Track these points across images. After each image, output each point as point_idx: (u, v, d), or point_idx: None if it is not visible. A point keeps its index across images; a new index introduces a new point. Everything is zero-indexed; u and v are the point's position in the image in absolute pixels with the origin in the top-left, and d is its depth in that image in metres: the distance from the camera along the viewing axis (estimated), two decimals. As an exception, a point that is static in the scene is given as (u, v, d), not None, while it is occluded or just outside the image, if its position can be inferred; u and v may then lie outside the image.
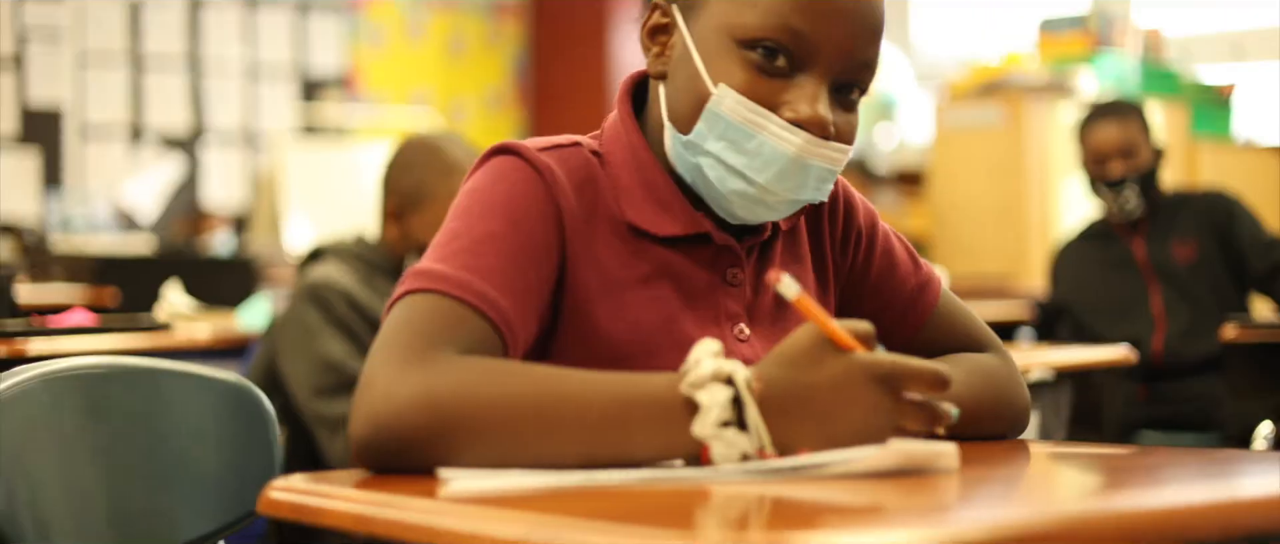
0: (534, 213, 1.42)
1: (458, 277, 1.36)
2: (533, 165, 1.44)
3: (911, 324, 1.66)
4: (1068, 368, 2.79)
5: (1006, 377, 1.65)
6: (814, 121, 1.42)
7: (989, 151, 6.65)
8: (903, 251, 1.69)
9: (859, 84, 1.47)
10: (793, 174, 1.43)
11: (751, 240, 1.55)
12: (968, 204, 6.75)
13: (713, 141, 1.44)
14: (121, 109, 8.44)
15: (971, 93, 6.81)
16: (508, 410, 1.26)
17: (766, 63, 1.43)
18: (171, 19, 8.60)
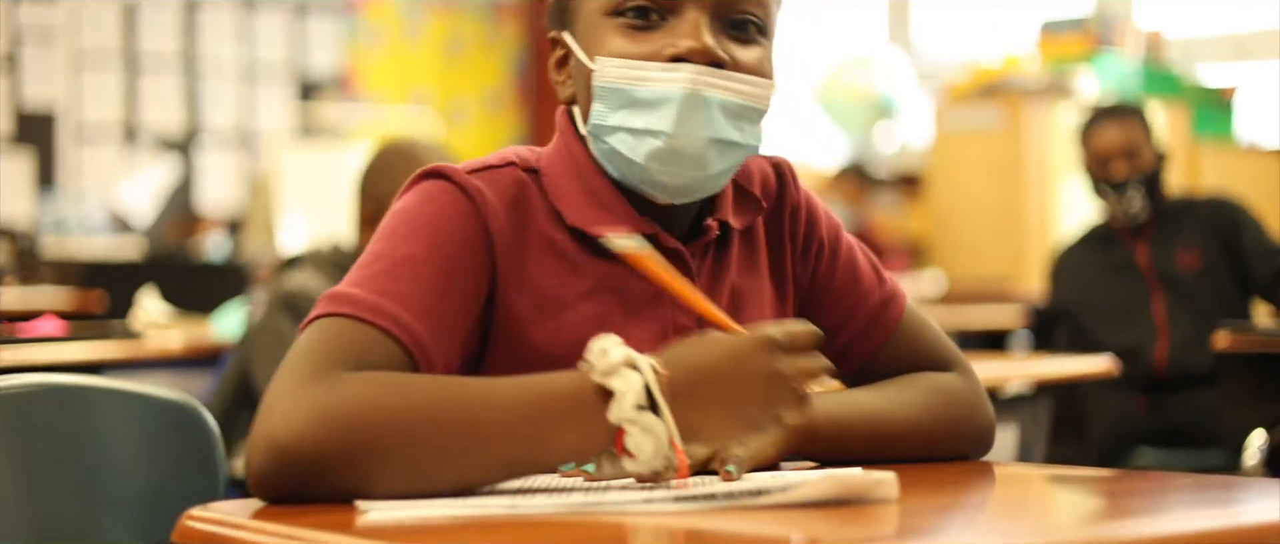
0: (458, 236, 1.39)
1: (370, 300, 1.33)
2: (462, 188, 1.41)
3: (874, 340, 1.61)
4: (1048, 380, 2.72)
5: (969, 396, 1.61)
6: (695, 51, 1.40)
7: (988, 154, 6.61)
8: (867, 265, 1.64)
9: (750, 16, 1.44)
10: (694, 111, 1.40)
11: (699, 242, 1.50)
12: (967, 207, 6.71)
13: (613, 115, 1.42)
14: (116, 110, 8.40)
15: (971, 95, 6.76)
16: (416, 423, 1.24)
17: (639, 21, 1.42)
18: (166, 20, 8.56)
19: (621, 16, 1.42)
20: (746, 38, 1.45)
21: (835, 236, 1.63)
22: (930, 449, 1.55)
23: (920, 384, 1.58)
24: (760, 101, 1.45)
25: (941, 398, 1.57)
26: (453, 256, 1.38)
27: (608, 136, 1.43)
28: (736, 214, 1.55)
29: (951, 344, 1.65)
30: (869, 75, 8.14)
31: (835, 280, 1.61)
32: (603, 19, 1.44)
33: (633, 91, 1.41)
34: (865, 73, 8.15)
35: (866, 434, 1.52)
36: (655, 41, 1.41)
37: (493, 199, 1.42)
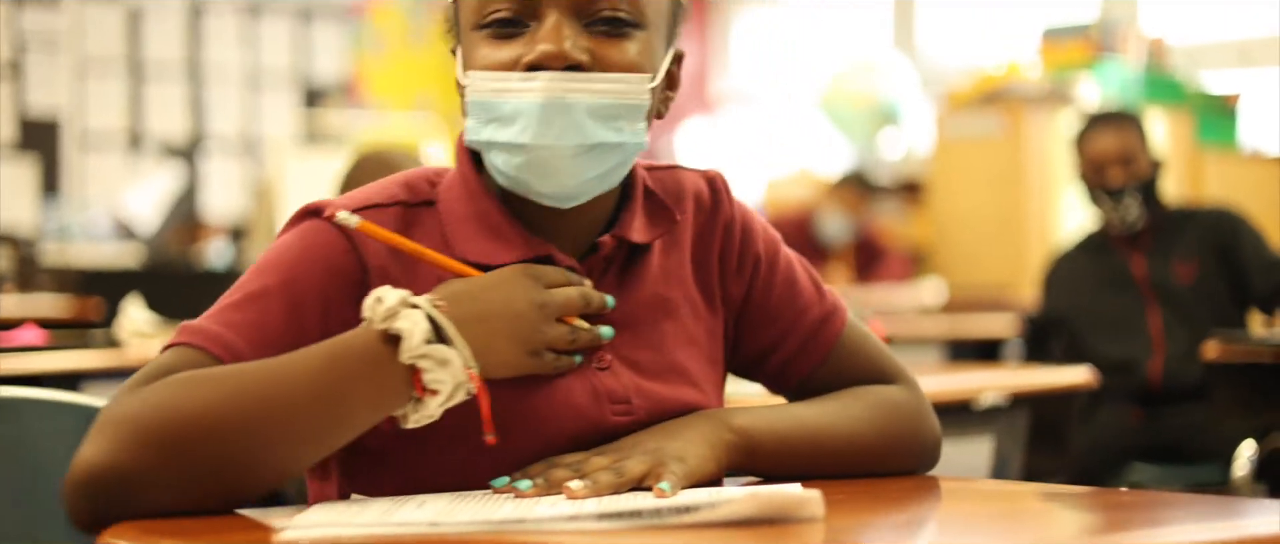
0: (318, 271, 1.38)
1: (209, 329, 1.34)
2: (339, 227, 1.39)
3: (815, 355, 1.59)
4: (1024, 392, 2.70)
5: (914, 409, 1.59)
6: (550, 56, 1.37)
7: (989, 161, 6.59)
8: (806, 279, 1.61)
9: (619, 13, 1.41)
10: (553, 119, 1.37)
11: (595, 258, 1.47)
12: (967, 214, 6.69)
13: (485, 131, 1.40)
14: (120, 117, 8.41)
15: (972, 102, 6.74)
16: (213, 412, 1.25)
17: (502, 31, 1.40)
18: (171, 26, 8.57)
19: (488, 28, 1.41)
20: (616, 33, 1.40)
21: (773, 252, 1.60)
22: (875, 463, 1.54)
23: (864, 397, 1.56)
24: (633, 97, 1.40)
25: (885, 411, 1.56)
26: (308, 291, 1.37)
27: (485, 151, 1.42)
28: (646, 228, 1.51)
29: (894, 357, 1.64)
30: (873, 81, 8.12)
31: (773, 296, 1.58)
32: (473, 33, 1.42)
33: (496, 105, 1.39)
34: (869, 79, 8.13)
35: (809, 449, 1.50)
36: (518, 49, 1.39)
37: (372, 243, 1.40)
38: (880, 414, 1.55)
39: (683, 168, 1.59)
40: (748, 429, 1.47)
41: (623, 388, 1.45)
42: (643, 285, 1.50)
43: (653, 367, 1.48)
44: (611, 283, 1.48)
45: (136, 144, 8.46)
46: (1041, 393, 2.78)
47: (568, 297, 1.40)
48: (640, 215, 1.51)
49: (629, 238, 1.49)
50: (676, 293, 1.53)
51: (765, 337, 1.58)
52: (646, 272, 1.51)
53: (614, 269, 1.49)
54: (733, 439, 1.45)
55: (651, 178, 1.55)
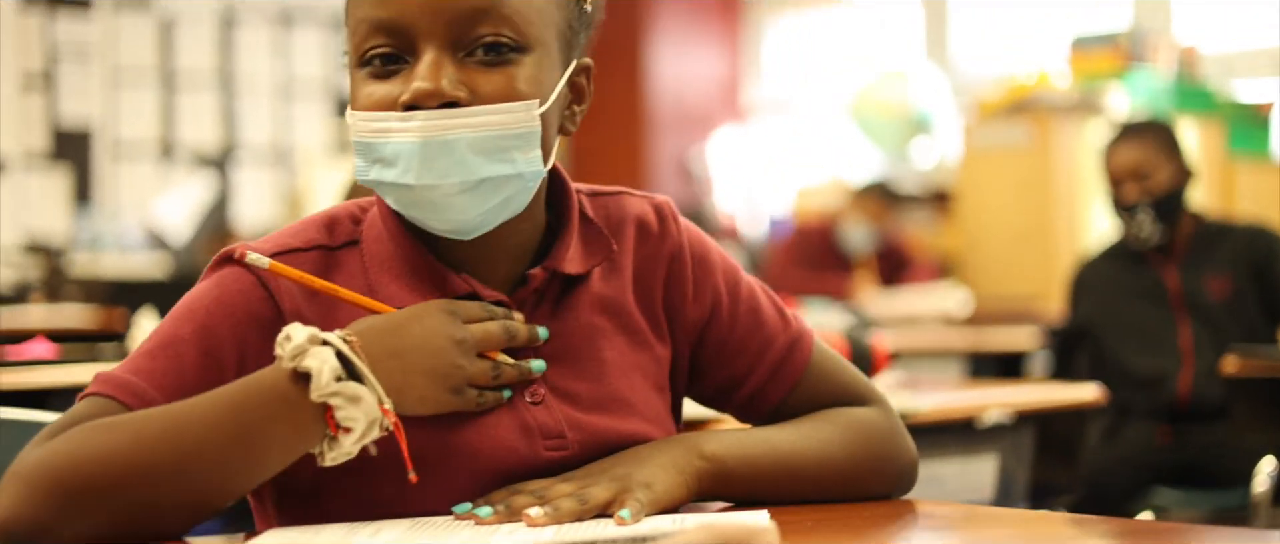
0: (234, 319, 1.36)
1: (121, 378, 1.32)
2: (253, 272, 1.37)
3: (784, 383, 1.56)
4: (1029, 409, 2.66)
5: (888, 431, 1.57)
6: (423, 94, 1.33)
7: (1016, 171, 6.54)
8: (770, 307, 1.58)
9: (500, 38, 1.36)
10: (435, 159, 1.33)
11: (524, 291, 1.45)
12: (995, 225, 6.64)
13: (371, 171, 1.36)
14: (152, 127, 8.44)
15: (1000, 111, 6.69)
16: (121, 459, 1.24)
17: (382, 68, 1.37)
18: (203, 36, 8.60)
19: (367, 66, 1.37)
20: (499, 62, 1.36)
21: (733, 282, 1.57)
22: (849, 486, 1.51)
23: (835, 419, 1.54)
24: (519, 126, 1.36)
25: (858, 432, 1.53)
26: (223, 338, 1.35)
27: (381, 193, 1.39)
28: (581, 258, 1.48)
29: (865, 378, 1.61)
30: (904, 91, 8.08)
31: (738, 327, 1.55)
32: (356, 70, 1.39)
33: (377, 146, 1.34)
34: (901, 88, 8.08)
35: (782, 473, 1.48)
36: (396, 87, 1.35)
37: (287, 283, 1.38)
38: (853, 436, 1.52)
39: (628, 193, 1.56)
40: (719, 455, 1.45)
41: (555, 422, 1.42)
42: (578, 316, 1.47)
43: (590, 398, 1.45)
44: (545, 315, 1.45)
45: (168, 154, 8.49)
46: (1048, 410, 2.75)
47: (487, 331, 1.37)
48: (575, 245, 1.48)
49: (561, 269, 1.46)
50: (616, 322, 1.50)
51: (733, 369, 1.55)
52: (583, 301, 1.48)
53: (547, 301, 1.46)
54: (704, 465, 1.43)
55: (593, 205, 1.52)
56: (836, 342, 2.69)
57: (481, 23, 1.35)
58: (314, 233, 1.43)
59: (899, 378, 2.93)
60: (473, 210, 1.36)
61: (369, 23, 1.35)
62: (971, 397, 2.71)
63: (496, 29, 1.36)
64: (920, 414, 2.46)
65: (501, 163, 1.35)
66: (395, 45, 1.35)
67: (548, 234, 1.48)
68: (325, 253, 1.42)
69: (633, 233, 1.53)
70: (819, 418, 1.55)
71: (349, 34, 1.39)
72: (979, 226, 6.74)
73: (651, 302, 1.53)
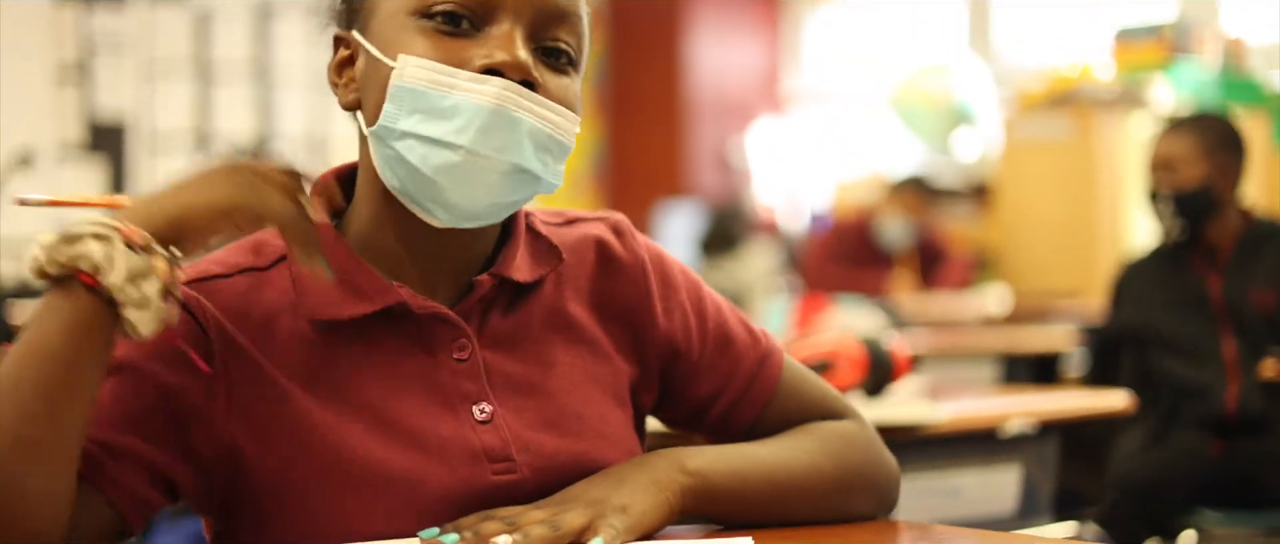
0: (165, 351, 1.28)
1: None
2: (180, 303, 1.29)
3: (756, 401, 1.51)
4: (1053, 418, 2.57)
5: (868, 444, 1.52)
6: (510, 65, 1.28)
7: (1058, 165, 6.44)
8: (737, 323, 1.53)
9: (563, 44, 1.33)
10: (498, 129, 1.27)
11: (470, 300, 1.37)
12: (1035, 219, 6.56)
13: (404, 119, 1.28)
14: (188, 120, 8.43)
15: (1042, 104, 6.59)
16: None
17: (449, 26, 1.30)
18: (239, 28, 8.58)
19: (429, 19, 1.30)
20: (559, 67, 1.33)
21: (697, 298, 1.51)
22: (835, 500, 1.46)
23: (817, 432, 1.49)
24: (566, 135, 1.32)
25: (840, 444, 1.49)
26: (153, 371, 1.28)
27: (395, 141, 1.29)
28: (529, 266, 1.42)
29: (836, 392, 1.56)
30: (946, 82, 7.98)
31: (707, 346, 1.50)
32: (407, 18, 1.30)
33: (434, 97, 1.27)
34: (942, 79, 7.99)
35: (768, 488, 1.42)
36: (465, 50, 1.29)
37: (213, 310, 1.31)
38: (836, 448, 1.48)
39: (581, 217, 1.50)
40: (703, 470, 1.39)
41: (502, 444, 1.35)
42: (529, 328, 1.41)
43: (541, 417, 1.38)
44: (493, 330, 1.38)
45: (204, 146, 8.48)
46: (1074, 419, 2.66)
47: (279, 171, 1.26)
48: (522, 253, 1.42)
49: (510, 276, 1.39)
50: (571, 334, 1.43)
51: (703, 388, 1.50)
52: (534, 313, 1.42)
53: (495, 311, 1.39)
54: (687, 482, 1.37)
55: (545, 227, 1.46)
56: (853, 347, 2.61)
57: (559, 25, 1.33)
58: (240, 256, 1.37)
59: (920, 383, 2.85)
60: (499, 197, 1.30)
61: None
62: (993, 405, 2.63)
63: (566, 37, 1.33)
64: (938, 426, 2.37)
65: (540, 162, 1.31)
66: (473, 7, 1.30)
67: (493, 245, 1.42)
68: (254, 275, 1.35)
69: (592, 254, 1.48)
70: (799, 433, 1.50)
71: None
72: (1019, 221, 6.65)
73: (614, 318, 1.47)
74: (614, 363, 1.45)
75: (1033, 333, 4.94)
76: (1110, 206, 6.31)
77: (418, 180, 1.29)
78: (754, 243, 7.56)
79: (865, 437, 1.52)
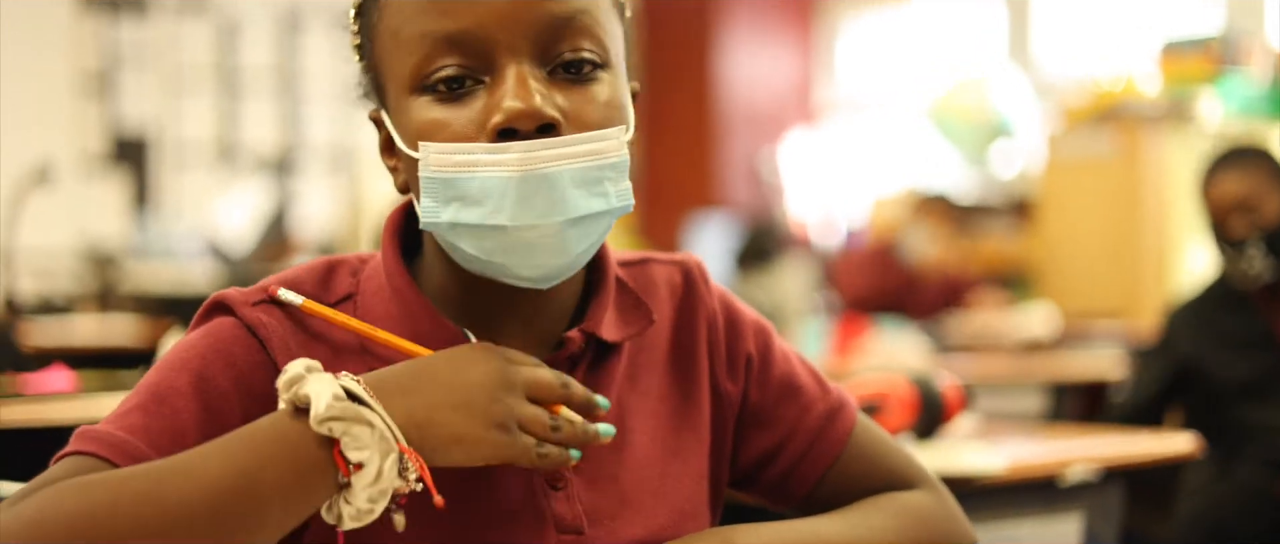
0: (231, 372, 1.18)
1: (113, 436, 1.13)
2: (245, 324, 1.21)
3: (823, 459, 1.38)
4: (1118, 465, 2.42)
5: (944, 518, 1.38)
6: (520, 115, 1.14)
7: (1102, 182, 6.29)
8: (806, 374, 1.40)
9: (582, 52, 1.18)
10: (535, 194, 1.14)
11: (560, 355, 1.26)
12: (1078, 237, 6.41)
13: (444, 210, 1.16)
14: (212, 131, 8.36)
15: (1086, 120, 6.44)
16: (98, 523, 1.02)
17: (450, 92, 1.17)
18: (263, 38, 8.51)
19: (432, 92, 1.17)
20: (584, 78, 1.18)
21: (764, 344, 1.39)
22: None
23: (888, 506, 1.35)
24: (614, 153, 1.18)
25: (915, 521, 1.35)
26: (221, 393, 1.17)
27: (450, 236, 1.18)
28: (618, 325, 1.30)
29: (912, 457, 1.42)
30: (985, 94, 7.85)
31: (769, 395, 1.38)
32: (410, 97, 1.18)
33: (462, 183, 1.15)
34: (981, 92, 7.86)
35: None
36: (474, 109, 1.16)
37: (280, 333, 1.21)
38: (909, 524, 1.34)
39: (655, 259, 1.38)
40: None
41: (574, 515, 1.24)
42: (609, 393, 1.28)
43: (618, 489, 1.27)
44: (580, 381, 1.24)
45: (228, 158, 8.39)
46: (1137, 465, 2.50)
47: (537, 375, 1.16)
48: (612, 310, 1.30)
49: (599, 334, 1.27)
50: (648, 403, 1.31)
51: (764, 442, 1.37)
52: (613, 377, 1.29)
53: (581, 370, 1.27)
54: None
55: (622, 269, 1.33)
56: (902, 386, 2.45)
57: (565, 35, 1.18)
58: (310, 284, 1.26)
59: (973, 425, 2.69)
60: (572, 251, 1.18)
61: (434, 38, 1.17)
62: (1053, 450, 2.48)
63: (579, 43, 1.18)
64: (996, 475, 2.22)
65: (597, 197, 1.17)
66: (468, 64, 1.17)
67: (579, 294, 1.30)
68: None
69: (666, 302, 1.36)
70: (867, 506, 1.36)
71: (396, 54, 1.20)
72: (1061, 239, 6.50)
73: (692, 375, 1.35)
74: (694, 431, 1.34)
75: (1080, 359, 4.78)
76: (1156, 225, 6.15)
77: (482, 264, 1.19)
78: (788, 258, 7.43)
79: (942, 510, 1.38)
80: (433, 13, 1.16)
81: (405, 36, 1.18)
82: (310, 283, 1.26)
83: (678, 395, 1.34)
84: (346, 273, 1.28)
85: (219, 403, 1.17)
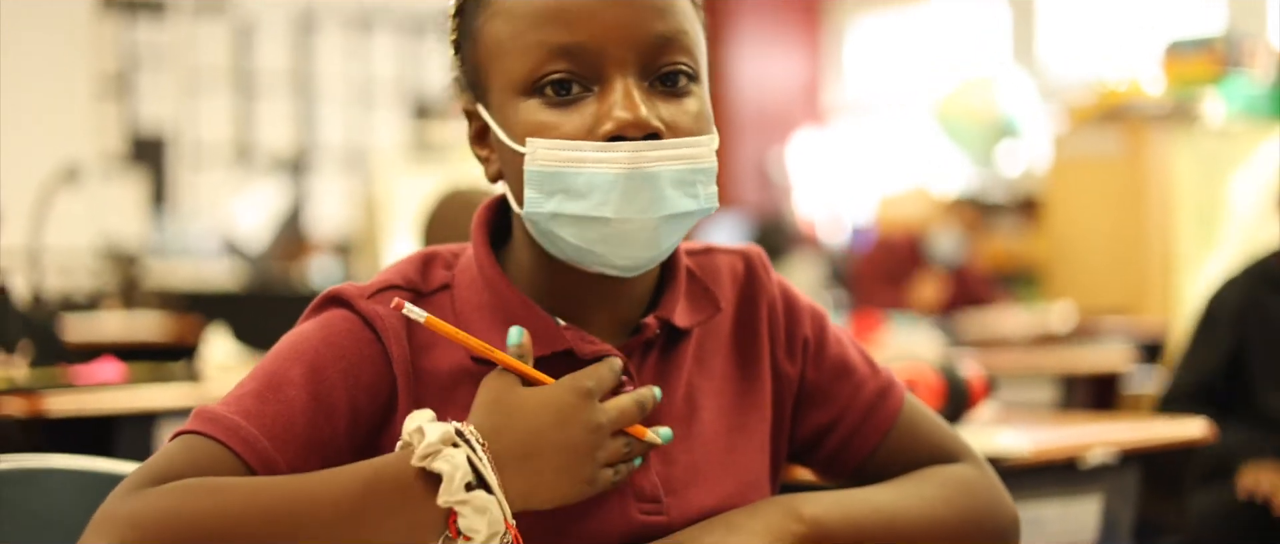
0: (343, 364, 1.28)
1: (228, 419, 1.23)
2: (361, 316, 1.30)
3: (873, 435, 1.47)
4: (1135, 448, 2.52)
5: (987, 488, 1.46)
6: (630, 125, 1.25)
7: (1108, 181, 6.39)
8: (858, 355, 1.50)
9: (679, 67, 1.29)
10: (638, 191, 1.25)
11: (636, 340, 1.36)
12: (1085, 235, 6.50)
13: (548, 202, 1.27)
14: (229, 132, 8.44)
15: (1092, 119, 6.54)
16: (227, 525, 1.14)
17: (559, 96, 1.28)
18: (279, 40, 8.58)
19: (540, 94, 1.28)
20: (679, 91, 1.29)
21: (820, 328, 1.49)
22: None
23: (935, 477, 1.44)
24: (705, 160, 1.29)
25: (961, 490, 1.43)
26: (331, 384, 1.26)
27: (547, 223, 1.29)
28: (688, 312, 1.40)
29: (955, 433, 1.51)
30: (991, 95, 7.94)
31: (825, 375, 1.47)
32: (519, 98, 1.29)
33: (568, 176, 1.26)
34: (987, 92, 7.95)
35: (885, 536, 1.38)
36: (583, 114, 1.27)
37: (395, 323, 1.30)
38: (956, 494, 1.42)
39: (719, 249, 1.48)
40: (819, 517, 1.34)
41: (652, 486, 1.33)
42: (679, 374, 1.39)
43: (688, 462, 1.36)
44: (651, 369, 1.37)
45: (244, 158, 8.48)
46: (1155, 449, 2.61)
47: (623, 409, 1.25)
48: (683, 298, 1.40)
49: (673, 320, 1.38)
50: (714, 383, 1.41)
51: (818, 419, 1.47)
52: (683, 360, 1.39)
53: (654, 354, 1.38)
54: (802, 530, 1.33)
55: (690, 260, 1.44)
56: (929, 374, 2.56)
57: (667, 51, 1.29)
58: (413, 274, 1.36)
59: (994, 412, 2.80)
60: (661, 245, 1.30)
61: (548, 47, 1.27)
62: (1073, 434, 2.58)
63: (678, 58, 1.29)
64: (1023, 456, 2.33)
65: (689, 197, 1.28)
66: (578, 72, 1.27)
67: (655, 284, 1.40)
68: (417, 297, 1.34)
69: (730, 289, 1.45)
70: (917, 476, 1.45)
71: (506, 57, 1.29)
72: (1068, 237, 6.60)
73: (754, 358, 1.45)
74: (757, 410, 1.44)
75: (1091, 352, 4.88)
76: (1160, 223, 6.25)
77: (580, 252, 1.29)
78: (797, 256, 7.52)
79: (985, 482, 1.46)
80: (551, 24, 1.27)
81: (519, 42, 1.28)
82: (412, 274, 1.35)
83: (741, 376, 1.44)
84: (441, 265, 1.38)
85: (328, 393, 1.26)
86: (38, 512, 1.59)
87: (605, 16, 1.26)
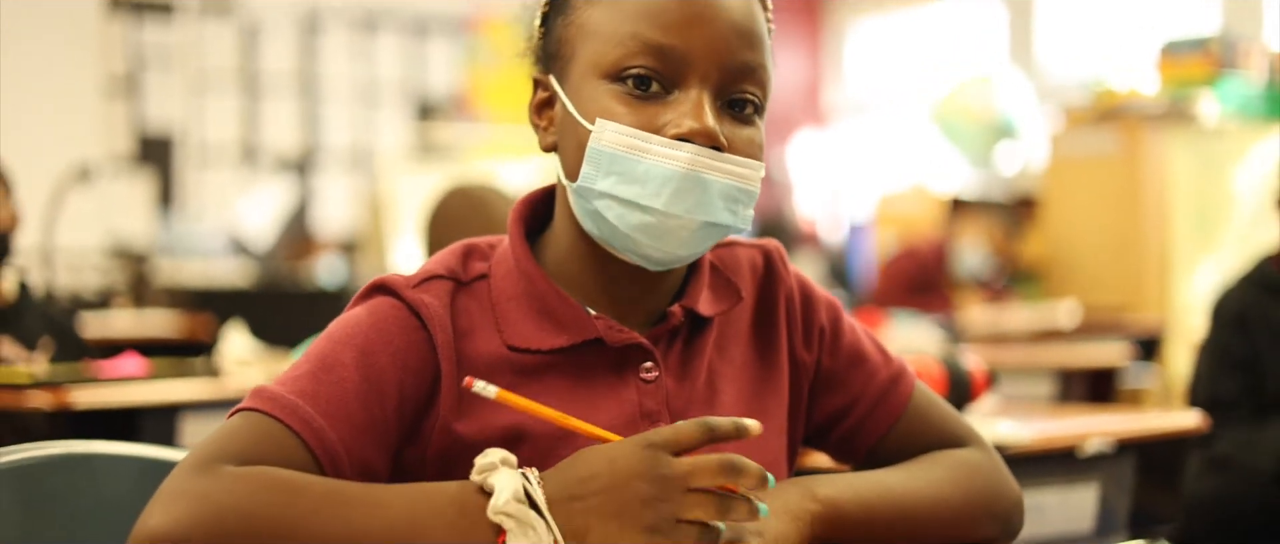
0: (391, 349, 1.36)
1: (286, 399, 1.30)
2: (407, 304, 1.38)
3: (884, 420, 1.55)
4: (1130, 438, 2.60)
5: (993, 471, 1.54)
6: (699, 133, 1.33)
7: (1104, 181, 6.45)
8: (871, 344, 1.58)
9: (749, 95, 1.38)
10: (689, 192, 1.34)
11: (663, 328, 1.44)
12: (1082, 234, 6.56)
13: (602, 180, 1.35)
14: (235, 132, 8.49)
15: (1088, 119, 6.60)
16: (293, 521, 1.21)
17: (639, 90, 1.36)
18: (285, 41, 8.64)
19: (623, 83, 1.36)
20: (744, 118, 1.38)
21: (835, 318, 1.57)
22: (962, 531, 1.49)
23: (944, 461, 1.52)
24: (753, 183, 1.38)
25: (968, 473, 1.51)
26: (381, 368, 1.34)
27: (594, 200, 1.37)
28: (711, 301, 1.48)
29: (963, 419, 1.59)
30: (988, 95, 8.00)
31: (839, 363, 1.55)
32: (601, 80, 1.36)
33: (629, 161, 1.34)
34: (985, 93, 8.01)
35: (896, 516, 1.46)
36: (654, 113, 1.35)
37: (439, 311, 1.38)
38: (963, 476, 1.50)
39: (739, 243, 1.56)
40: (834, 498, 1.42)
41: None
42: (701, 360, 1.46)
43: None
44: (675, 356, 1.45)
45: (251, 158, 8.53)
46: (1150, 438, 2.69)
47: (697, 467, 1.23)
48: (707, 288, 1.48)
49: (697, 309, 1.45)
50: (734, 369, 1.49)
51: (833, 404, 1.54)
52: (705, 346, 1.47)
53: (679, 341, 1.46)
54: (818, 509, 1.40)
55: (711, 252, 1.52)
56: (932, 366, 2.65)
57: (746, 78, 1.37)
58: (453, 262, 1.43)
59: (995, 404, 2.88)
60: (696, 247, 1.38)
61: (643, 42, 1.35)
62: (1072, 424, 2.66)
63: (752, 88, 1.38)
64: (1023, 445, 2.41)
65: (730, 212, 1.37)
66: (662, 72, 1.35)
67: (683, 276, 1.48)
68: (457, 286, 1.42)
69: (749, 280, 1.53)
70: (926, 460, 1.53)
71: (596, 41, 1.37)
72: (1064, 236, 6.65)
73: (772, 346, 1.52)
74: (775, 396, 1.51)
75: (1089, 348, 4.95)
76: (1156, 222, 6.31)
77: (616, 234, 1.37)
78: (798, 254, 7.58)
79: (991, 465, 1.54)
80: (652, 23, 1.35)
81: (616, 30, 1.36)
82: (454, 264, 1.43)
83: (760, 363, 1.51)
84: (479, 256, 1.45)
85: (378, 376, 1.33)
86: (84, 495, 1.62)
87: (704, 31, 1.35)
